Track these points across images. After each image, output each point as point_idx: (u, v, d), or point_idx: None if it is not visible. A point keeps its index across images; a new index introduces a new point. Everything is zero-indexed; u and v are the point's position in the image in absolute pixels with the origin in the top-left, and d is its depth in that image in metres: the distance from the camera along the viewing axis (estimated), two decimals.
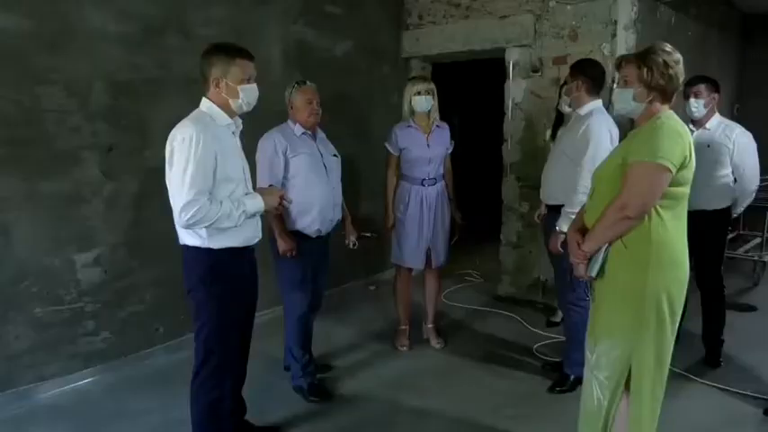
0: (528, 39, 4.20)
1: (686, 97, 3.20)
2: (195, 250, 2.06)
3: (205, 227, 1.98)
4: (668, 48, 1.85)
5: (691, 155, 1.81)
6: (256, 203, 2.11)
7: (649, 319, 1.84)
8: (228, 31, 3.53)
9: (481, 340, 3.76)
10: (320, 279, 3.05)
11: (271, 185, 2.55)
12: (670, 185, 1.79)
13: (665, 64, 1.82)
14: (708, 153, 3.14)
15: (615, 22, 3.81)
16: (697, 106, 3.16)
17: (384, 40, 4.83)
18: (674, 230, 1.85)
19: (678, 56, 1.86)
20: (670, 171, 1.76)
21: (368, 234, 3.81)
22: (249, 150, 2.38)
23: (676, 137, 1.79)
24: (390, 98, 4.93)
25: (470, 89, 6.55)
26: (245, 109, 2.14)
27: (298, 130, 2.87)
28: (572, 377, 3.02)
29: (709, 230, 3.12)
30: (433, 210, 3.44)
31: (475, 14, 4.48)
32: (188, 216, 1.92)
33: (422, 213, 3.42)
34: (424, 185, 3.41)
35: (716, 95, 3.17)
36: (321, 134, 3.00)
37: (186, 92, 3.25)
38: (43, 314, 2.96)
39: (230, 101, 2.08)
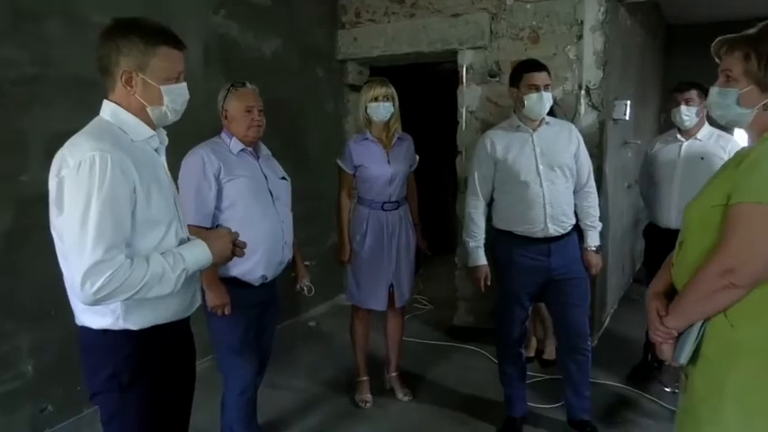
0: (483, 40, 3.77)
1: (676, 104, 2.89)
2: (102, 336, 1.35)
3: (124, 299, 1.29)
4: None
5: None
6: (200, 255, 1.42)
7: None
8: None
9: (452, 385, 3.24)
10: (267, 335, 2.40)
11: (216, 228, 1.77)
12: None
13: None
14: (701, 166, 2.85)
15: (581, 22, 3.47)
16: (689, 115, 2.86)
17: (317, 39, 4.22)
18: None
19: None
20: None
21: (306, 263, 3.21)
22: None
23: None
24: (325, 105, 4.35)
25: (412, 95, 6.10)
26: (171, 118, 1.46)
27: (234, 146, 2.21)
28: (590, 420, 2.64)
29: None
30: (396, 238, 2.87)
31: (422, 12, 4.00)
32: (96, 287, 1.21)
33: (383, 243, 2.85)
34: (384, 210, 2.84)
35: (706, 103, 2.87)
36: (265, 151, 2.35)
37: (75, 95, 2.55)
38: None
39: (148, 108, 1.39)
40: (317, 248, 4.07)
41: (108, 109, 1.38)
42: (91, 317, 1.35)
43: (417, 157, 2.97)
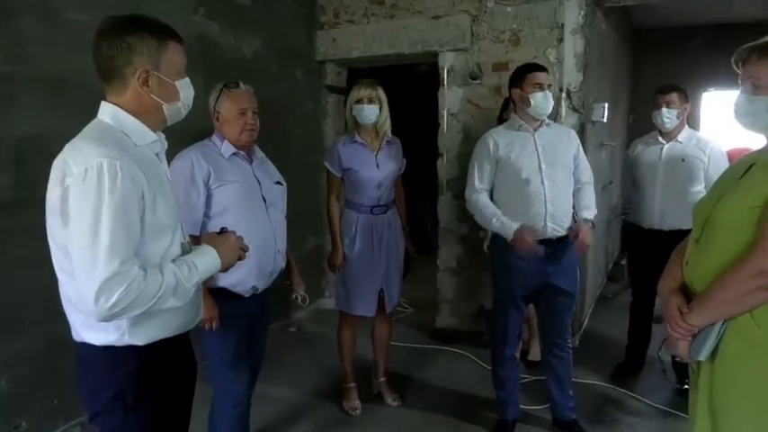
0: (464, 42, 3.77)
1: (657, 107, 2.95)
2: (104, 352, 1.27)
3: (138, 314, 1.21)
4: None
5: None
6: (211, 263, 1.36)
7: None
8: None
9: (440, 389, 3.22)
10: (258, 347, 2.31)
11: (222, 232, 1.62)
12: None
13: None
14: (682, 168, 2.92)
15: (562, 25, 3.51)
16: (669, 117, 2.92)
17: (296, 39, 4.15)
18: None
19: None
20: None
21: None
22: None
23: None
24: (304, 107, 4.28)
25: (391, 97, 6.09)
26: (183, 114, 1.41)
27: (226, 149, 2.12)
28: (577, 418, 2.67)
29: None
30: (386, 242, 2.84)
31: (402, 14, 3.97)
32: (112, 302, 1.13)
33: (372, 248, 2.81)
34: (373, 214, 2.81)
35: (687, 106, 2.95)
36: (259, 154, 2.26)
37: (50, 95, 2.44)
38: None
39: (165, 106, 1.33)
40: (296, 251, 3.99)
41: (107, 111, 1.30)
42: (93, 333, 1.27)
43: (405, 161, 2.95)
